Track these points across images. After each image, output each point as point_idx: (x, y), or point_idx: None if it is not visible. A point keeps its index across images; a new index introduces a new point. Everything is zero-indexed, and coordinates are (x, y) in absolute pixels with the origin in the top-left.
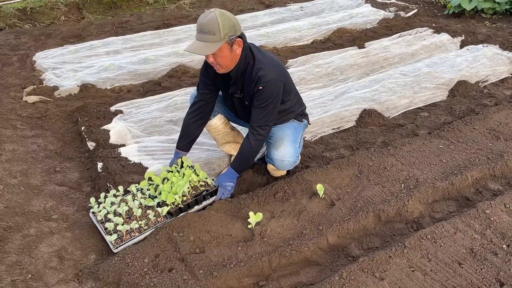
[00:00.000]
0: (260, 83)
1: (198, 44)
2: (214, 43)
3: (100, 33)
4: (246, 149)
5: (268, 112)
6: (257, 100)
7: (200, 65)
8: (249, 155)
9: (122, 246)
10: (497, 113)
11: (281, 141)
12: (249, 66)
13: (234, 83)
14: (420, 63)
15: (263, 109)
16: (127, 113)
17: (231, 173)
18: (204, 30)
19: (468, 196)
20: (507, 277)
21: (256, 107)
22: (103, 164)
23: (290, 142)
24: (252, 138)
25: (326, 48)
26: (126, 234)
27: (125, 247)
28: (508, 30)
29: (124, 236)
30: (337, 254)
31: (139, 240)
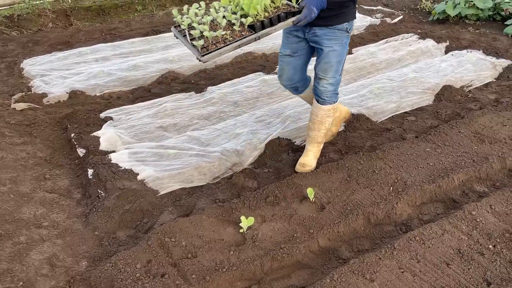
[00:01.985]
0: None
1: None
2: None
3: (89, 40)
4: None
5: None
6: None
7: (190, 71)
8: None
9: (209, 55)
10: (482, 117)
11: (324, 73)
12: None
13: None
14: (407, 69)
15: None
16: (117, 119)
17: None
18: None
19: (454, 198)
20: (493, 277)
21: None
22: (94, 170)
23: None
24: None
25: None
26: (212, 45)
27: (211, 55)
28: (491, 36)
29: (210, 46)
30: (328, 257)
31: (225, 50)
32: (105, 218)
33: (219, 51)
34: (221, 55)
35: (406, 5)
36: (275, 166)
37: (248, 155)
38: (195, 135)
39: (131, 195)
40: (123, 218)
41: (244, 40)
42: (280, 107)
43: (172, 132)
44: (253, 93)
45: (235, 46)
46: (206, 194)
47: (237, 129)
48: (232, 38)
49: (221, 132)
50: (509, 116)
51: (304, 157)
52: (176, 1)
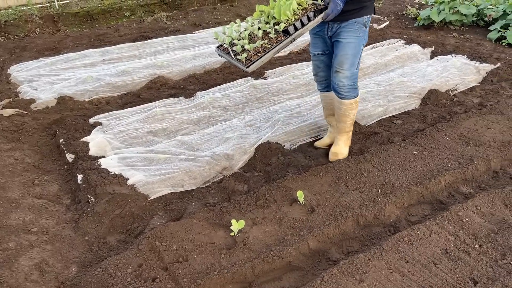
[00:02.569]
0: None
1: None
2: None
3: (77, 46)
4: None
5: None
6: None
7: (179, 76)
8: None
9: (253, 65)
10: (467, 120)
11: (340, 66)
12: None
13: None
14: (393, 73)
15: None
16: (106, 125)
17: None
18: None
19: (441, 200)
20: (480, 276)
21: None
22: (83, 176)
23: (348, 68)
24: None
25: (302, 60)
26: (253, 55)
27: (255, 65)
28: (475, 41)
29: (252, 57)
30: (318, 259)
31: (266, 57)
32: (95, 223)
33: (261, 60)
34: (263, 62)
35: (392, 11)
36: (265, 170)
37: (238, 159)
38: (185, 139)
39: (121, 200)
40: (113, 223)
41: (281, 45)
42: (269, 111)
43: (162, 137)
44: (243, 98)
45: (274, 52)
46: (196, 198)
47: (227, 133)
48: (270, 45)
49: (211, 136)
50: (493, 119)
51: (336, 146)
52: (164, 7)
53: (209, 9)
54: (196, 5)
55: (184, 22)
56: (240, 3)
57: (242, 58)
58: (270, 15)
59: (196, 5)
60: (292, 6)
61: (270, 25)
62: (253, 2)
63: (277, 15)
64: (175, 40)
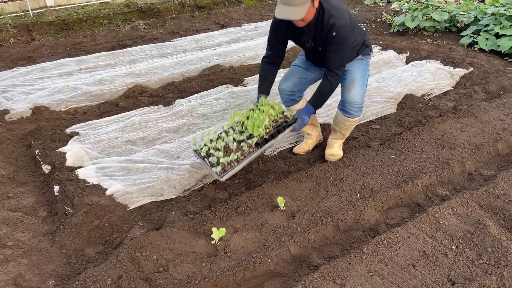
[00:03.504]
0: (333, 30)
1: (289, 9)
2: (302, 5)
3: (52, 55)
4: (326, 89)
5: (343, 54)
6: (331, 45)
7: (157, 85)
8: (327, 94)
9: (226, 175)
10: (442, 124)
11: (352, 84)
12: (320, 16)
13: (307, 33)
14: (370, 79)
15: (338, 52)
16: (83, 134)
17: (309, 108)
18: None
19: (419, 202)
20: (457, 276)
21: (331, 52)
22: (60, 187)
23: (359, 87)
24: (332, 79)
25: (281, 66)
26: (227, 165)
27: (228, 175)
28: (448, 46)
29: (226, 166)
30: (299, 264)
31: (238, 169)
32: (73, 235)
33: (234, 170)
34: (235, 172)
35: (368, 18)
36: (245, 177)
37: None
38: (164, 148)
39: (99, 211)
40: (91, 235)
41: (252, 156)
42: None
43: (140, 146)
44: (222, 105)
45: (246, 162)
46: (176, 207)
47: None
48: (242, 156)
49: (191, 144)
50: (467, 122)
51: (331, 149)
52: (141, 15)
53: (187, 17)
54: (174, 13)
55: (162, 30)
56: (218, 11)
57: (217, 170)
58: (244, 124)
59: (174, 13)
60: (265, 123)
61: (243, 137)
62: (230, 10)
63: (250, 129)
64: (153, 48)
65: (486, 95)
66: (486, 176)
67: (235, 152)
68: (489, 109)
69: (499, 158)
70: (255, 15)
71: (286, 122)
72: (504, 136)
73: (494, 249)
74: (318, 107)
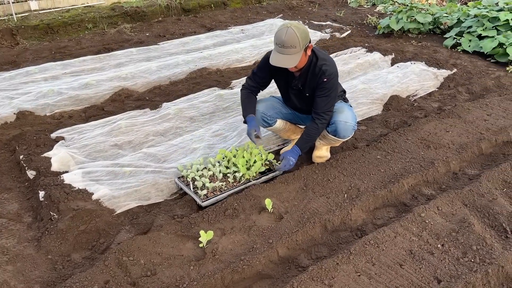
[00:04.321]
0: (324, 76)
1: (282, 57)
2: (295, 54)
3: (37, 59)
4: (313, 131)
5: (331, 100)
6: (321, 90)
7: (143, 88)
8: (314, 136)
9: (208, 201)
10: (427, 124)
11: (342, 109)
12: (313, 62)
13: (298, 78)
14: (356, 80)
15: (327, 97)
16: (69, 139)
17: (296, 150)
18: (286, 45)
19: (405, 202)
20: (443, 274)
21: (321, 97)
22: (45, 192)
23: (349, 110)
24: (319, 122)
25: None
26: (210, 193)
27: (210, 202)
28: (432, 48)
29: (209, 194)
30: (287, 266)
31: (221, 197)
32: (59, 241)
33: (216, 198)
34: (218, 201)
35: (354, 21)
36: None
37: None
38: (151, 151)
39: (86, 216)
40: (78, 240)
41: (236, 189)
42: (236, 121)
43: (127, 150)
44: (209, 108)
45: (228, 194)
46: (164, 210)
47: (193, 144)
48: (226, 188)
49: (178, 147)
50: (451, 123)
51: (319, 151)
52: (127, 19)
53: (173, 20)
54: (160, 16)
55: (148, 33)
56: (204, 14)
57: (201, 194)
58: (230, 161)
59: (160, 16)
60: (257, 169)
61: (229, 171)
62: (217, 13)
63: (243, 170)
64: (139, 51)
65: (469, 96)
66: (471, 175)
67: (220, 181)
68: (472, 109)
69: (483, 157)
70: (241, 18)
71: (271, 169)
72: (487, 136)
73: (478, 247)
74: (305, 149)
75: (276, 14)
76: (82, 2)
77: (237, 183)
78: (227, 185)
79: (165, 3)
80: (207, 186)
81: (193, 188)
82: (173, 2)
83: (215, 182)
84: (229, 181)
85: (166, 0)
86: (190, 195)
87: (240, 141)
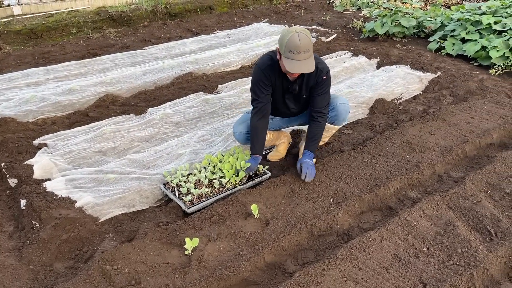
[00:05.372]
0: (323, 74)
1: (301, 63)
2: (311, 57)
3: (20, 65)
4: (318, 130)
5: (328, 95)
6: (320, 88)
7: (129, 93)
8: (320, 135)
9: (194, 207)
10: (412, 128)
11: (335, 95)
12: None
13: (294, 81)
14: (342, 84)
15: (325, 94)
16: (52, 146)
17: (309, 154)
18: (302, 50)
19: (391, 205)
20: (429, 278)
21: (320, 95)
22: (27, 201)
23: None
24: (321, 119)
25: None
26: (196, 199)
27: (196, 208)
28: (416, 51)
29: (195, 200)
30: (274, 272)
31: (207, 203)
32: (41, 250)
33: (202, 204)
34: (203, 207)
35: (339, 24)
36: None
37: None
38: (136, 158)
39: (69, 224)
40: (60, 249)
41: (222, 195)
42: (222, 125)
43: (111, 156)
44: (195, 113)
45: (214, 200)
46: (149, 217)
47: (179, 149)
48: (212, 194)
49: (163, 153)
50: (436, 126)
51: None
52: (112, 23)
53: (159, 25)
54: (146, 21)
55: (134, 38)
56: (190, 18)
57: (186, 200)
58: (216, 166)
59: (145, 21)
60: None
61: (215, 176)
62: (203, 17)
63: (228, 176)
64: (125, 56)
65: (453, 99)
66: (455, 178)
67: (206, 187)
68: (456, 112)
69: (467, 160)
70: (228, 22)
71: (257, 174)
72: (471, 138)
73: (463, 249)
74: (315, 149)
75: (262, 18)
76: (66, 7)
77: (223, 189)
78: (213, 191)
79: (150, 8)
80: (193, 192)
81: (179, 194)
82: (159, 6)
83: (200, 188)
84: (215, 187)
85: (151, 5)
86: (175, 201)
87: (226, 146)
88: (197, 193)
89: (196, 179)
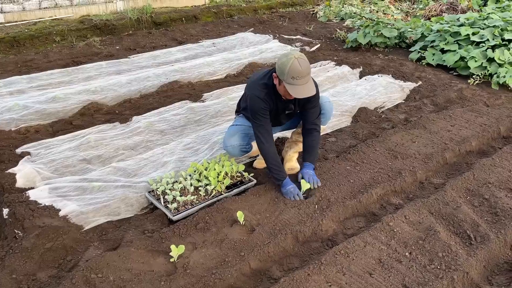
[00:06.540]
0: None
1: (304, 88)
2: (311, 80)
3: (2, 73)
4: (315, 142)
5: (319, 107)
6: (311, 103)
7: (113, 102)
8: (317, 145)
9: (179, 215)
10: (394, 135)
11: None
12: None
13: (287, 101)
14: (326, 93)
15: (317, 106)
16: (35, 154)
17: (309, 165)
18: (304, 75)
19: (374, 212)
20: (411, 282)
21: (312, 108)
22: (10, 209)
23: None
24: (315, 131)
25: (239, 82)
26: (182, 206)
27: (181, 215)
28: (398, 61)
29: (180, 207)
30: (259, 278)
31: (193, 211)
32: (24, 260)
33: (187, 212)
34: (189, 214)
35: (323, 35)
36: None
37: None
38: (121, 166)
39: (52, 233)
40: (44, 258)
41: (207, 203)
42: (208, 133)
43: (96, 165)
44: (180, 121)
45: (200, 207)
46: (134, 225)
47: (164, 157)
48: (197, 201)
49: (148, 161)
50: (417, 134)
51: (291, 162)
52: (97, 32)
53: (144, 34)
54: (131, 29)
55: (118, 46)
56: (175, 27)
57: (172, 207)
58: (202, 174)
59: (130, 29)
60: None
61: (201, 184)
62: (188, 26)
63: (214, 183)
64: (109, 65)
65: (434, 107)
66: (436, 184)
67: (191, 195)
68: (437, 121)
69: (447, 166)
70: (213, 31)
71: (243, 181)
72: (451, 146)
73: (444, 254)
74: (315, 160)
75: (247, 28)
76: (49, 15)
77: (209, 196)
78: (199, 198)
79: (135, 17)
80: (178, 199)
81: (164, 202)
82: (144, 15)
83: (186, 196)
84: (201, 194)
85: (136, 14)
86: (161, 209)
87: (212, 154)
88: (182, 200)
89: (182, 187)
